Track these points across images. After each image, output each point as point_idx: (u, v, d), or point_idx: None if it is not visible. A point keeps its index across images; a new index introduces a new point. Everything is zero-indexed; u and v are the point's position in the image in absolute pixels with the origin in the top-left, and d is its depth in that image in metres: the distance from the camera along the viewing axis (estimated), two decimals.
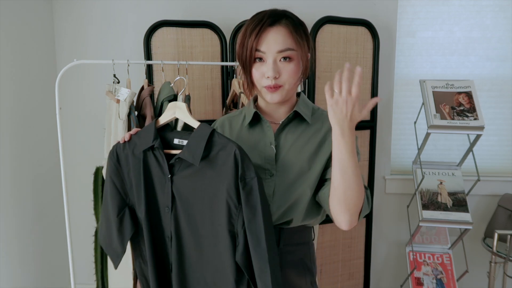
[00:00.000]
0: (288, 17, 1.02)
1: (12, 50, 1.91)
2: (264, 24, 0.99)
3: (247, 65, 1.02)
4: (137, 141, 1.09)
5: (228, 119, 1.17)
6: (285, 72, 1.00)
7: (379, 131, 2.20)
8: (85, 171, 2.02)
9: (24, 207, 2.00)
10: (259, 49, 0.99)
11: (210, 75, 2.01)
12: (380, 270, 2.40)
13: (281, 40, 0.99)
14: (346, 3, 2.14)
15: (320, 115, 1.11)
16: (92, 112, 2.24)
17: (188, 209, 1.05)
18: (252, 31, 0.99)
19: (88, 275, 2.26)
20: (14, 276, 1.93)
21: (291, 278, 1.08)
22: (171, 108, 1.12)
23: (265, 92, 1.02)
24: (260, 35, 0.98)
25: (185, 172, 1.04)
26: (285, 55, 0.99)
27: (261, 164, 1.06)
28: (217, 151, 1.01)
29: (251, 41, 0.99)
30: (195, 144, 1.02)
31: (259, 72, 1.01)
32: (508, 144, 2.27)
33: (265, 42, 0.99)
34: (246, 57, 1.01)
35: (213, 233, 1.03)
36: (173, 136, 1.09)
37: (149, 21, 1.95)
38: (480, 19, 2.18)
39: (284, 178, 1.04)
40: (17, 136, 1.95)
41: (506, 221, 2.00)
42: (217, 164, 1.01)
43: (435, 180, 1.98)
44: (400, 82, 2.26)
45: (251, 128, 1.11)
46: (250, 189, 0.97)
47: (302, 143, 1.06)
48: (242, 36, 1.02)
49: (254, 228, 0.96)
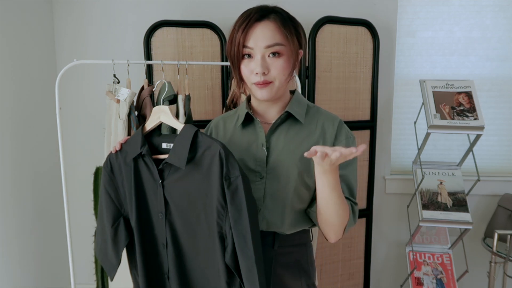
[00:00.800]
0: (276, 12, 0.99)
1: (12, 50, 1.91)
2: (251, 19, 0.96)
3: (235, 62, 1.00)
4: (127, 149, 1.08)
5: (223, 119, 1.15)
6: (274, 67, 0.97)
7: (379, 131, 2.20)
8: (85, 171, 2.02)
9: (24, 207, 2.00)
10: (247, 45, 0.97)
11: (210, 75, 2.01)
12: (380, 270, 2.40)
13: (269, 35, 0.96)
14: (346, 3, 2.14)
15: (315, 114, 1.08)
16: (92, 112, 2.24)
17: (183, 213, 1.04)
18: (239, 27, 0.97)
19: (88, 275, 2.26)
20: (14, 276, 1.93)
21: (285, 280, 1.05)
22: (156, 113, 1.10)
23: (255, 89, 1.00)
24: (247, 31, 0.96)
25: (175, 176, 1.03)
26: (273, 51, 0.96)
27: (252, 166, 1.03)
28: (203, 151, 0.99)
29: (238, 37, 0.96)
30: (180, 147, 1.00)
31: (248, 69, 0.98)
32: (508, 144, 2.27)
33: (252, 37, 0.96)
34: (234, 53, 0.98)
35: (209, 235, 1.02)
36: (161, 140, 1.08)
37: (149, 21, 1.95)
38: (480, 19, 2.18)
39: (275, 182, 1.01)
40: (17, 136, 1.95)
41: (506, 221, 2.00)
42: (203, 165, 0.99)
43: (435, 180, 1.98)
44: (400, 82, 2.26)
45: (243, 128, 1.08)
46: (235, 188, 0.95)
47: (295, 145, 1.03)
48: (230, 33, 1.00)
49: (241, 228, 0.94)
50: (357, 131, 2.05)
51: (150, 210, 1.08)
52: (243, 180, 0.95)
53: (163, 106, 1.10)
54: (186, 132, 1.01)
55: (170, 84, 1.60)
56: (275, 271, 1.04)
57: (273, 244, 1.03)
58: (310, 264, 1.10)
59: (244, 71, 1.00)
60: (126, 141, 1.10)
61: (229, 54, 1.01)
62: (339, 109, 2.04)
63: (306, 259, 1.08)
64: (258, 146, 1.04)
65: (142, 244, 1.08)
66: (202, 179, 1.00)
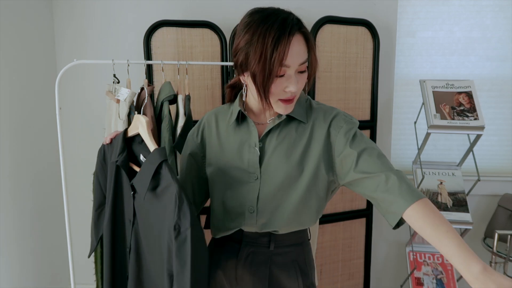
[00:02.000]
0: (301, 24, 0.92)
1: (12, 50, 1.91)
2: (286, 33, 0.87)
3: (266, 79, 0.88)
4: (114, 146, 1.09)
5: (215, 115, 1.11)
6: (300, 83, 0.93)
7: (379, 131, 2.20)
8: (85, 171, 2.02)
9: (24, 207, 2.00)
10: (285, 64, 0.88)
11: (210, 75, 2.01)
12: (380, 270, 2.40)
13: (302, 52, 0.90)
14: (346, 3, 2.14)
15: (313, 113, 1.03)
16: (92, 112, 2.24)
17: (146, 230, 1.03)
18: (275, 42, 0.86)
19: (88, 275, 2.26)
20: (14, 276, 1.93)
21: (282, 280, 1.03)
22: (135, 121, 1.07)
23: (279, 105, 0.94)
24: (285, 48, 0.86)
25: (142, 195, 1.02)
26: (303, 69, 0.91)
27: (245, 167, 1.01)
28: (164, 186, 0.94)
29: (277, 55, 0.86)
30: (144, 174, 0.97)
31: (280, 87, 0.91)
32: (508, 144, 2.27)
33: (290, 55, 0.87)
34: (268, 71, 0.87)
35: (162, 263, 0.98)
36: (139, 150, 1.05)
37: (149, 21, 1.95)
38: (480, 19, 2.18)
39: (269, 183, 0.99)
40: (17, 136, 1.95)
41: (506, 221, 2.00)
42: (162, 200, 0.95)
43: (435, 180, 1.98)
44: (400, 82, 2.26)
45: (237, 126, 1.05)
46: (183, 240, 0.87)
47: (289, 145, 1.00)
48: (256, 44, 0.87)
49: (182, 283, 0.87)
50: None
51: (124, 211, 1.10)
52: (193, 233, 0.87)
53: (142, 117, 1.04)
54: (152, 160, 0.96)
55: (170, 84, 1.60)
56: (272, 272, 1.03)
57: (269, 245, 1.03)
58: (308, 263, 1.08)
59: (274, 89, 0.91)
60: (115, 137, 1.12)
61: (260, 71, 0.88)
62: None
63: (303, 258, 1.07)
64: (250, 145, 1.01)
65: (112, 240, 1.11)
66: (160, 213, 0.96)
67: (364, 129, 2.09)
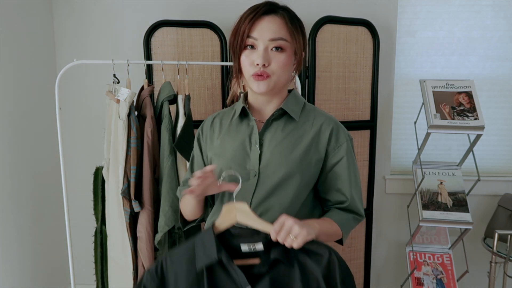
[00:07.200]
0: (285, 9, 1.00)
1: (12, 50, 1.91)
2: (260, 11, 0.97)
3: (237, 51, 0.99)
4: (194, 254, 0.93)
5: (220, 118, 1.13)
6: (275, 61, 0.97)
7: (379, 131, 2.20)
8: (85, 171, 2.02)
9: (24, 207, 2.00)
10: (251, 35, 0.96)
11: (210, 75, 2.01)
12: (380, 270, 2.40)
13: (275, 29, 0.96)
14: (346, 3, 2.14)
15: (310, 112, 1.07)
16: (92, 112, 2.24)
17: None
18: (246, 17, 0.97)
19: (88, 275, 2.26)
20: (13, 276, 1.93)
21: None
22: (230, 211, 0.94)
23: (252, 81, 0.99)
24: (254, 21, 0.96)
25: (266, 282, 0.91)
26: (277, 45, 0.97)
27: (245, 164, 1.02)
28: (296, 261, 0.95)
29: (244, 27, 0.96)
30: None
31: (249, 60, 0.98)
32: (508, 144, 2.27)
33: (258, 28, 0.96)
34: (237, 42, 0.98)
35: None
36: (238, 241, 0.93)
37: (149, 21, 1.95)
38: (480, 19, 2.18)
39: (266, 181, 1.00)
40: (17, 136, 1.95)
41: (506, 221, 2.00)
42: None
43: (435, 180, 1.98)
44: (400, 82, 2.26)
45: (239, 124, 1.07)
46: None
47: (289, 144, 1.02)
48: (236, 23, 1.00)
49: None
50: (357, 131, 2.05)
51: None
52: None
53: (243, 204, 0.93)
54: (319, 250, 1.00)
55: (170, 84, 1.60)
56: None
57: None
58: None
59: (244, 62, 0.99)
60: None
61: (231, 44, 1.00)
62: (339, 109, 2.04)
63: None
64: (251, 142, 1.03)
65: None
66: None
67: (364, 129, 2.09)
